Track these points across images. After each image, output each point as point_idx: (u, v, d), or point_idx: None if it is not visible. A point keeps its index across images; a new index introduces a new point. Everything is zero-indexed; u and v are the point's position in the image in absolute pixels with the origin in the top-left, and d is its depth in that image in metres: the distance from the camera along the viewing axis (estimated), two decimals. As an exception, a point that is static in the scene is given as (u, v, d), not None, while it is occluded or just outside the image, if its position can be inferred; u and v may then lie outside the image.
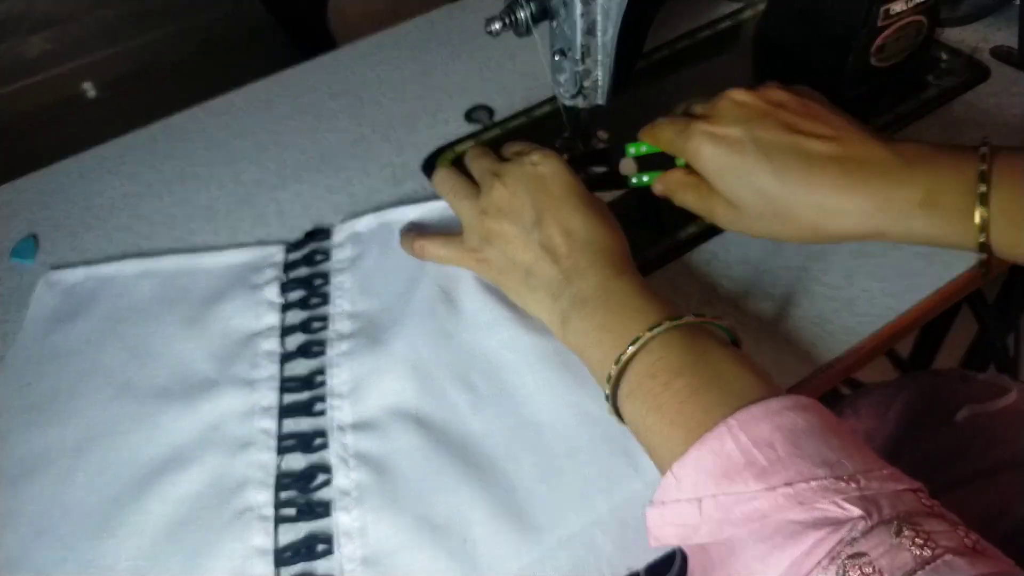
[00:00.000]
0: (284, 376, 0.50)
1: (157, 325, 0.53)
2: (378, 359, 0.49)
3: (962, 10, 0.68)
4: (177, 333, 0.52)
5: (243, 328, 0.52)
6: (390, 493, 0.44)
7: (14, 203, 0.63)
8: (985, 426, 0.62)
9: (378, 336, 0.51)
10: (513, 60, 0.71)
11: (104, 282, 0.56)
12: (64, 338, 0.53)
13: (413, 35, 0.75)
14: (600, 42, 0.51)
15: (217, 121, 0.68)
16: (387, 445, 0.46)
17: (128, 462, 0.46)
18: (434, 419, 0.46)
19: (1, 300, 0.57)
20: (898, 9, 0.60)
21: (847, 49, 0.62)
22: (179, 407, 0.48)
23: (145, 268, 0.56)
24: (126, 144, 0.67)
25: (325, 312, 0.53)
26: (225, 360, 0.51)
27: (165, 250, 0.58)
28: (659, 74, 0.69)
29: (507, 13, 0.51)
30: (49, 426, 0.48)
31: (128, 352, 0.51)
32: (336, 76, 0.72)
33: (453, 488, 0.43)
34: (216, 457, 0.46)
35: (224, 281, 0.55)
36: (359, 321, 0.52)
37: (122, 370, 0.51)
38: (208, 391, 0.49)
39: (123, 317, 0.53)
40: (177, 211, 0.61)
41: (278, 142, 0.65)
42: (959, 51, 0.66)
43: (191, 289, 0.55)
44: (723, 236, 0.55)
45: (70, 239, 0.60)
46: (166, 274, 0.56)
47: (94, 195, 0.63)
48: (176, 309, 0.54)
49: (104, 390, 0.50)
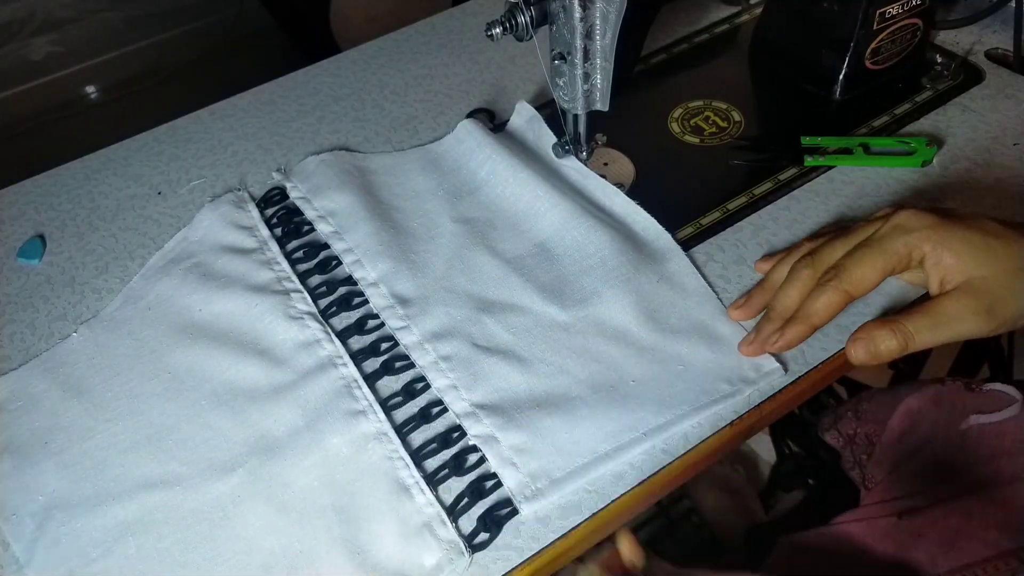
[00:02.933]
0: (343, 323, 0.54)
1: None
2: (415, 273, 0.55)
3: (957, 13, 0.69)
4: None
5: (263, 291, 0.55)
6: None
7: (21, 204, 0.64)
8: (991, 437, 0.62)
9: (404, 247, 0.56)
10: (513, 64, 0.72)
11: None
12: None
13: (415, 39, 0.76)
14: (599, 46, 0.51)
15: (222, 124, 0.69)
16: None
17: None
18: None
19: (8, 300, 0.57)
20: (893, 12, 0.61)
21: (843, 52, 0.62)
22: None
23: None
24: (132, 146, 0.68)
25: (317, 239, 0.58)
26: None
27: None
28: (658, 78, 0.70)
29: (507, 18, 0.52)
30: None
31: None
32: (339, 80, 0.73)
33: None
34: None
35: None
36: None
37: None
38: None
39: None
40: (183, 212, 0.62)
41: (282, 144, 0.66)
42: (954, 54, 0.67)
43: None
44: (717, 237, 0.56)
45: (76, 239, 0.61)
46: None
47: (100, 196, 0.64)
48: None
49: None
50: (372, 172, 0.62)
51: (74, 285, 0.58)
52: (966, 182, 0.57)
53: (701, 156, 0.62)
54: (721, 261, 0.55)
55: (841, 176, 0.59)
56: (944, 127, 0.62)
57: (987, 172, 0.58)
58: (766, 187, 0.59)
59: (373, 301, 0.54)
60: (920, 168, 0.59)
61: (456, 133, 0.63)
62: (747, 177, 0.60)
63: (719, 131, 0.64)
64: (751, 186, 0.59)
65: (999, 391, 0.64)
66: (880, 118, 0.63)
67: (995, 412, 0.62)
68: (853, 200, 0.57)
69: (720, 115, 0.65)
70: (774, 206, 0.58)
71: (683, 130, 0.64)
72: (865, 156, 0.59)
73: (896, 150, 0.60)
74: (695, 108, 0.66)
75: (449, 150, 0.63)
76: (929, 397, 0.67)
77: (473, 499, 0.44)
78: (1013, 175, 0.57)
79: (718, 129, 0.64)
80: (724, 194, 0.59)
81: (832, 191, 0.58)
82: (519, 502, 0.44)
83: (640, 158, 0.62)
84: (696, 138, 0.63)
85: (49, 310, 0.56)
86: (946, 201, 0.56)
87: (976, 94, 0.64)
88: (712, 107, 0.65)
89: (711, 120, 0.64)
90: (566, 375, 0.49)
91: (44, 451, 0.48)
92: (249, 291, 0.54)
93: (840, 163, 0.59)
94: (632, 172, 0.61)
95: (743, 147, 0.62)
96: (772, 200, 0.58)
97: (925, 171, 0.59)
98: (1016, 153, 0.59)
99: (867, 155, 0.59)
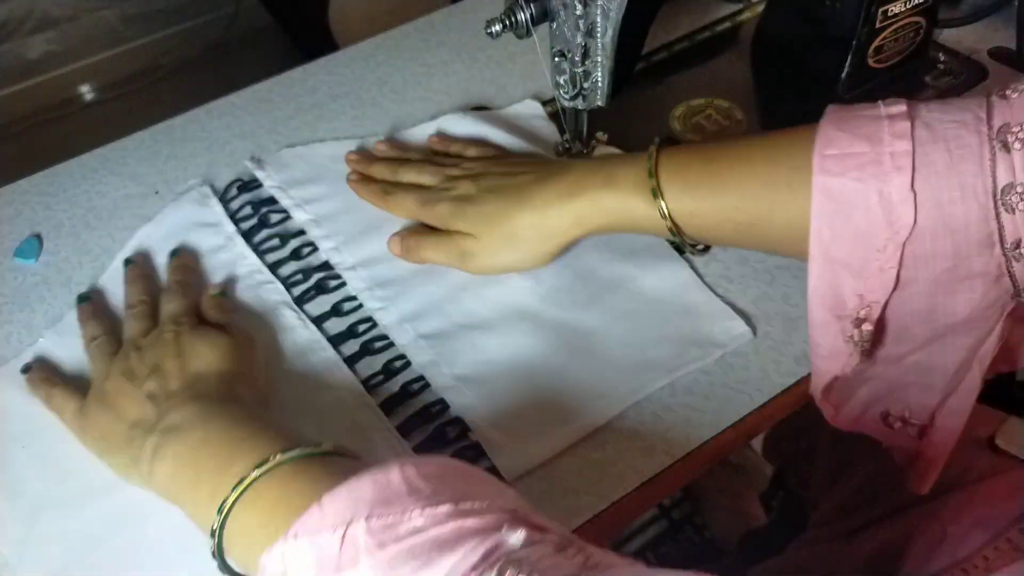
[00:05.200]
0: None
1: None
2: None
3: (960, 11, 0.68)
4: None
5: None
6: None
7: (17, 203, 0.63)
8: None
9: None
10: (513, 62, 0.71)
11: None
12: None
13: (413, 37, 0.76)
14: (599, 44, 0.51)
15: (219, 122, 0.69)
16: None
17: None
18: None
19: (4, 300, 0.57)
20: (896, 10, 0.60)
21: (846, 50, 0.62)
22: None
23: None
24: (128, 145, 0.67)
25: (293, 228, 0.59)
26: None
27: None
28: (658, 75, 0.69)
29: (507, 15, 0.52)
30: None
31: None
32: (337, 78, 0.72)
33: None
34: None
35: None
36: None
37: None
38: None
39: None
40: (179, 212, 0.61)
41: (279, 143, 0.66)
42: (957, 52, 0.66)
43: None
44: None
45: (73, 239, 0.60)
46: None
47: (97, 196, 0.64)
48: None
49: None
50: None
51: (70, 285, 0.57)
52: (970, 181, 0.57)
53: (702, 155, 0.62)
54: (723, 261, 0.54)
55: (844, 175, 0.59)
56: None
57: (991, 171, 0.57)
58: (768, 186, 0.58)
59: (351, 284, 0.55)
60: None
61: (439, 123, 0.64)
62: (749, 176, 0.59)
63: (721, 129, 0.63)
64: (753, 185, 0.58)
65: None
66: (883, 116, 0.62)
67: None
68: (856, 199, 0.57)
69: (722, 113, 0.64)
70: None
71: (685, 128, 0.63)
72: (868, 155, 0.59)
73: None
74: (697, 106, 0.65)
75: (424, 134, 0.64)
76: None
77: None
78: (1017, 174, 0.57)
79: (720, 127, 0.63)
80: (726, 193, 0.58)
81: (835, 190, 0.58)
82: (506, 472, 0.45)
83: (641, 157, 0.61)
84: (698, 137, 0.63)
85: (45, 310, 0.56)
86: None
87: (979, 93, 0.63)
88: (714, 105, 0.65)
89: (713, 118, 0.64)
90: (545, 344, 0.50)
91: (23, 454, 0.48)
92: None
93: (843, 162, 0.59)
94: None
95: (745, 146, 0.62)
96: (774, 199, 0.58)
97: (928, 170, 0.58)
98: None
99: (870, 154, 0.59)
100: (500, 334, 0.51)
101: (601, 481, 0.45)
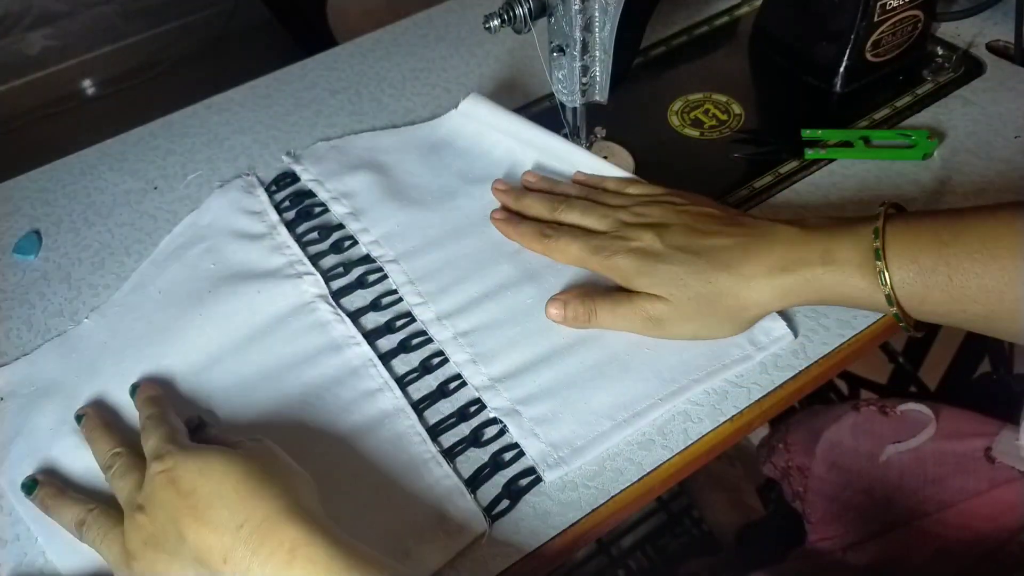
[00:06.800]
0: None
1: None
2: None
3: (958, 5, 0.68)
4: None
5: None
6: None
7: (16, 199, 0.64)
8: (913, 466, 0.62)
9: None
10: (511, 56, 0.72)
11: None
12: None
13: (412, 32, 0.76)
14: (598, 38, 0.51)
15: (218, 118, 0.69)
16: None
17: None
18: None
19: (4, 296, 0.57)
20: (894, 4, 0.60)
21: (843, 44, 0.62)
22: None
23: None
24: (128, 140, 0.68)
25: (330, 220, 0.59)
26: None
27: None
28: (657, 70, 0.69)
29: (505, 10, 0.52)
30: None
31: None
32: (336, 73, 0.72)
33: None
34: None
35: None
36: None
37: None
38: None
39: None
40: (179, 207, 0.61)
41: (278, 139, 0.66)
42: (955, 46, 0.66)
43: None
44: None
45: (72, 235, 0.61)
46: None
47: (96, 191, 0.64)
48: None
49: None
50: (383, 151, 0.63)
51: (70, 281, 0.57)
52: (967, 175, 0.57)
53: (701, 149, 0.62)
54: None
55: (842, 169, 0.59)
56: (945, 120, 0.61)
57: (988, 165, 0.58)
58: (766, 180, 0.59)
59: (393, 277, 0.54)
60: (921, 161, 0.58)
61: (461, 108, 0.63)
62: (747, 170, 0.59)
63: (719, 124, 0.63)
64: (751, 179, 0.59)
65: (914, 411, 0.64)
66: (881, 111, 0.62)
67: (911, 438, 0.62)
68: (854, 193, 0.57)
69: (720, 108, 0.64)
70: (775, 199, 0.57)
71: (683, 123, 0.64)
72: (866, 149, 0.59)
73: (897, 143, 0.59)
74: (695, 101, 0.65)
75: (459, 127, 0.63)
76: (847, 428, 0.67)
77: (493, 471, 0.45)
78: (1014, 168, 0.57)
79: (718, 122, 0.63)
80: (724, 187, 0.58)
81: (833, 184, 0.58)
82: (542, 470, 0.45)
83: (639, 151, 0.61)
84: (696, 131, 0.63)
85: (45, 306, 0.56)
86: (947, 195, 0.56)
87: (977, 87, 0.63)
88: (712, 100, 0.65)
89: (711, 113, 0.64)
90: (583, 345, 0.50)
91: (59, 434, 0.48)
92: (259, 278, 0.55)
93: (841, 156, 0.59)
94: (631, 165, 0.60)
95: (743, 140, 0.62)
96: (773, 193, 0.58)
97: (926, 164, 0.58)
98: (1017, 146, 0.59)
99: (868, 148, 0.59)
100: (539, 334, 0.50)
101: (600, 475, 0.45)
